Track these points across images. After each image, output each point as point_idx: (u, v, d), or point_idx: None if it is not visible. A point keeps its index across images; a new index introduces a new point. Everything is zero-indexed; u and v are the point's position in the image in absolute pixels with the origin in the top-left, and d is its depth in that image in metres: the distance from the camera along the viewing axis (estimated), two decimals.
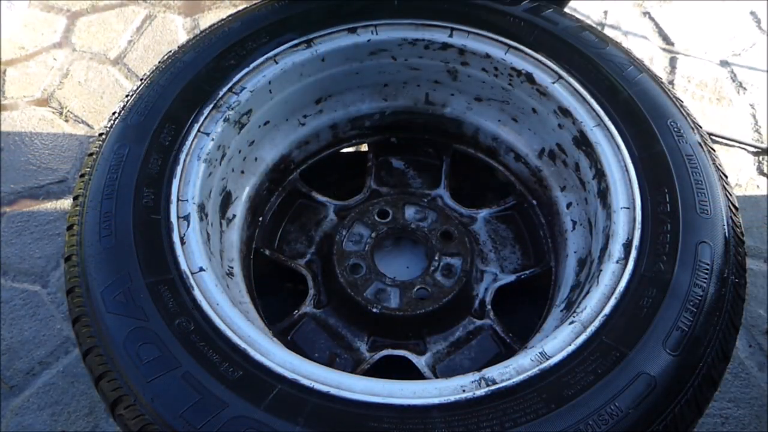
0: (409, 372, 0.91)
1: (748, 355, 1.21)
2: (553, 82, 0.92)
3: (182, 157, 0.83)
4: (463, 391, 0.66)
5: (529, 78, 0.93)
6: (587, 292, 0.76)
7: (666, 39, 1.79)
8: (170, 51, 0.94)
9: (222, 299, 0.73)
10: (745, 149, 1.56)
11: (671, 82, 1.69)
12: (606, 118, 0.87)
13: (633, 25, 1.83)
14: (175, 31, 1.79)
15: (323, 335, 0.95)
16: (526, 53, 0.93)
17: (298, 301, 0.99)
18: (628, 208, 0.80)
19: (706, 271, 0.73)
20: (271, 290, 1.04)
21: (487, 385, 0.66)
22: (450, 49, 0.97)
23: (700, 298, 0.71)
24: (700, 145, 0.84)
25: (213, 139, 0.87)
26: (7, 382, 1.16)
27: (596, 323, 0.70)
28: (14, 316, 1.24)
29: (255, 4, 0.99)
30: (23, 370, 1.18)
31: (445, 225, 1.01)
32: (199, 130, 0.86)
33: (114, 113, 0.87)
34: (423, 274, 0.97)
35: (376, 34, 0.97)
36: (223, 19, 0.98)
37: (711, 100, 1.66)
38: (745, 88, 1.68)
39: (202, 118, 0.87)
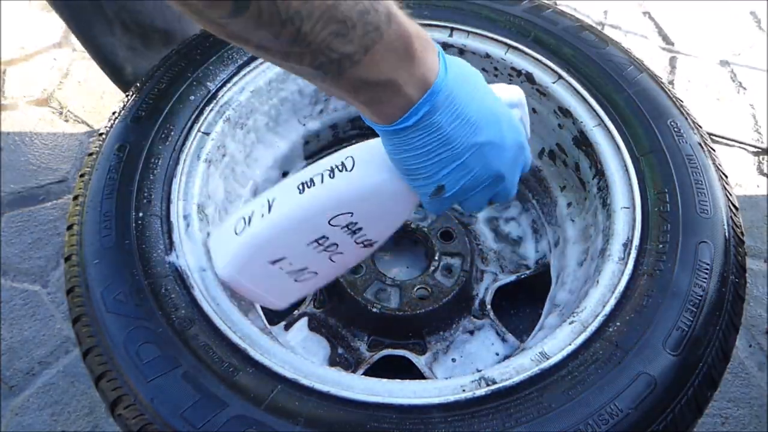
0: (408, 372, 0.91)
1: (748, 355, 1.21)
2: (553, 82, 0.92)
3: (182, 157, 0.83)
4: (463, 390, 0.66)
5: (529, 78, 0.93)
6: (587, 292, 0.76)
7: (666, 39, 1.79)
8: (171, 51, 0.94)
9: (222, 299, 0.73)
10: (745, 149, 1.56)
11: (671, 82, 1.69)
12: (606, 118, 0.87)
13: (633, 25, 1.83)
14: None
15: (323, 335, 0.95)
16: (526, 53, 0.93)
17: (298, 301, 0.99)
18: (628, 208, 0.80)
19: (706, 271, 0.73)
20: None
21: (487, 385, 0.66)
22: (450, 49, 0.97)
23: (700, 298, 0.71)
24: (700, 145, 0.84)
25: (213, 139, 0.87)
26: (7, 382, 1.16)
27: (596, 323, 0.70)
28: (14, 316, 1.24)
29: None
30: (23, 370, 1.17)
31: (445, 225, 1.01)
32: (199, 130, 0.86)
33: (114, 113, 0.87)
34: (423, 274, 0.97)
35: None
36: None
37: (711, 100, 1.66)
38: (745, 88, 1.68)
39: (202, 118, 0.87)
